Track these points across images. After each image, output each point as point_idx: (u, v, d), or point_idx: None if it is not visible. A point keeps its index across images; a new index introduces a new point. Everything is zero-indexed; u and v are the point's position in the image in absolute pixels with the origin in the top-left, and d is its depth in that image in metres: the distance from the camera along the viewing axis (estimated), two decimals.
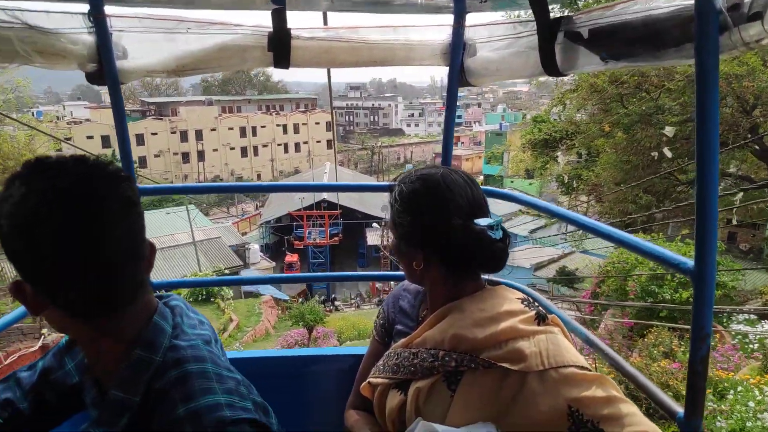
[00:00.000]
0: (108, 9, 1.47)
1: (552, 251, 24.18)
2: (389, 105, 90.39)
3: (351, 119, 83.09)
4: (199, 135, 49.73)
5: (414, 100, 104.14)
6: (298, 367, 1.87)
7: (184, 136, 49.10)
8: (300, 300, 23.30)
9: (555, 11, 1.35)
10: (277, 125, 55.51)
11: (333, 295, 27.16)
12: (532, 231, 26.03)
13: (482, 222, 1.15)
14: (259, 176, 52.65)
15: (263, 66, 1.58)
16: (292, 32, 1.53)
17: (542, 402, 1.06)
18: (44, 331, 10.65)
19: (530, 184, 38.54)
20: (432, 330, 1.21)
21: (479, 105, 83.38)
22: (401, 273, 1.51)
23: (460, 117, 78.44)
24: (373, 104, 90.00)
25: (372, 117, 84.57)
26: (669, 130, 11.17)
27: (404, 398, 1.22)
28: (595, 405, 1.04)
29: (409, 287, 1.44)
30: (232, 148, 52.20)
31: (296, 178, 41.18)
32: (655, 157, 13.87)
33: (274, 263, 27.87)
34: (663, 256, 1.05)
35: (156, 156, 47.04)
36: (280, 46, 1.53)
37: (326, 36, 1.57)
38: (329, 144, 57.53)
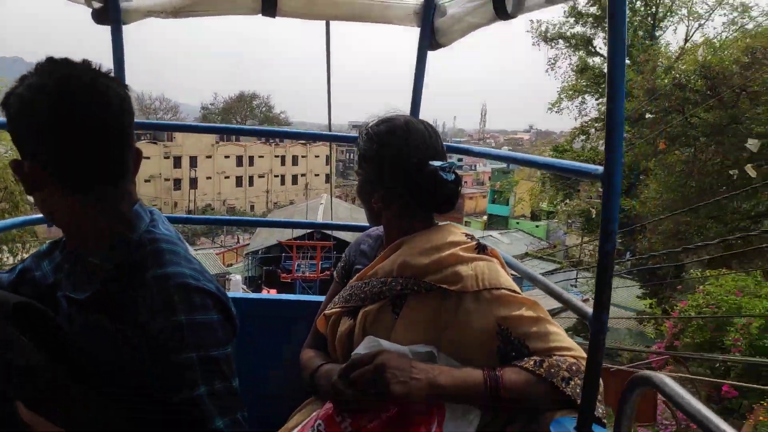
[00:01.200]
0: None
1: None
2: None
3: (352, 156, 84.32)
4: (193, 162, 50.09)
5: None
6: (264, 309, 2.02)
7: (177, 162, 49.42)
8: None
9: None
10: (276, 156, 56.25)
11: None
12: (543, 275, 25.22)
13: (436, 163, 1.31)
14: (252, 207, 52.85)
15: (252, 13, 1.82)
16: None
17: (475, 320, 1.20)
18: None
19: (537, 226, 37.71)
20: (384, 262, 1.36)
21: None
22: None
23: (461, 161, 79.70)
24: None
25: None
26: (753, 144, 9.40)
27: (353, 323, 1.37)
28: (522, 324, 1.18)
29: (371, 233, 1.61)
30: (227, 177, 52.60)
31: (290, 209, 40.83)
32: (735, 176, 11.31)
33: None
34: (575, 168, 1.22)
35: (146, 181, 46.99)
36: None
37: None
38: (328, 178, 58.11)
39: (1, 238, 14.84)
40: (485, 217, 44.98)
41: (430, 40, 1.95)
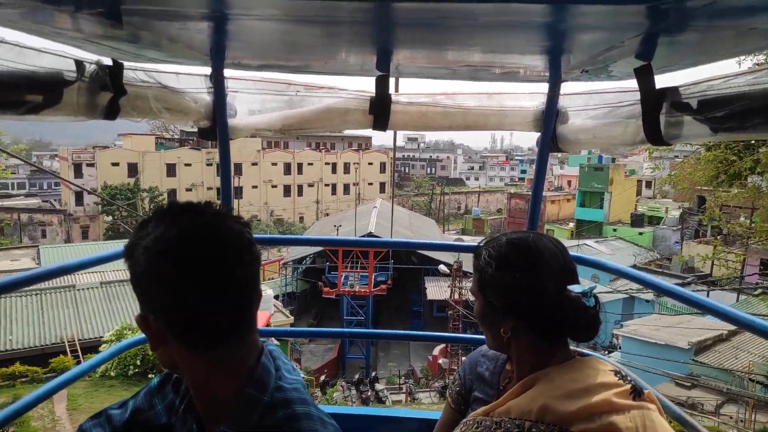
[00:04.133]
0: (226, 72, 1.83)
1: (704, 322, 18.61)
2: (448, 157, 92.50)
3: (407, 171, 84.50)
4: (238, 169, 50.59)
5: (473, 155, 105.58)
6: (367, 426, 2.05)
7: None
8: (323, 377, 19.33)
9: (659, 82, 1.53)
10: (326, 163, 56.75)
11: (373, 373, 21.45)
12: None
13: (576, 288, 1.28)
14: (301, 219, 53.55)
15: (363, 128, 1.90)
16: (393, 97, 1.85)
17: None
18: None
19: (641, 233, 34.45)
20: (518, 399, 1.31)
21: None
22: (480, 336, 1.65)
23: (524, 173, 78.36)
24: (431, 156, 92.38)
25: (429, 169, 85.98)
26: None
27: None
28: None
29: (488, 353, 1.58)
30: (274, 186, 53.52)
31: (338, 216, 39.28)
32: None
33: (292, 318, 21.73)
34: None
35: (188, 190, 48.20)
36: (380, 110, 1.85)
37: (424, 101, 1.87)
38: (382, 187, 57.90)
39: None
40: (572, 224, 42.34)
41: (551, 143, 1.95)
